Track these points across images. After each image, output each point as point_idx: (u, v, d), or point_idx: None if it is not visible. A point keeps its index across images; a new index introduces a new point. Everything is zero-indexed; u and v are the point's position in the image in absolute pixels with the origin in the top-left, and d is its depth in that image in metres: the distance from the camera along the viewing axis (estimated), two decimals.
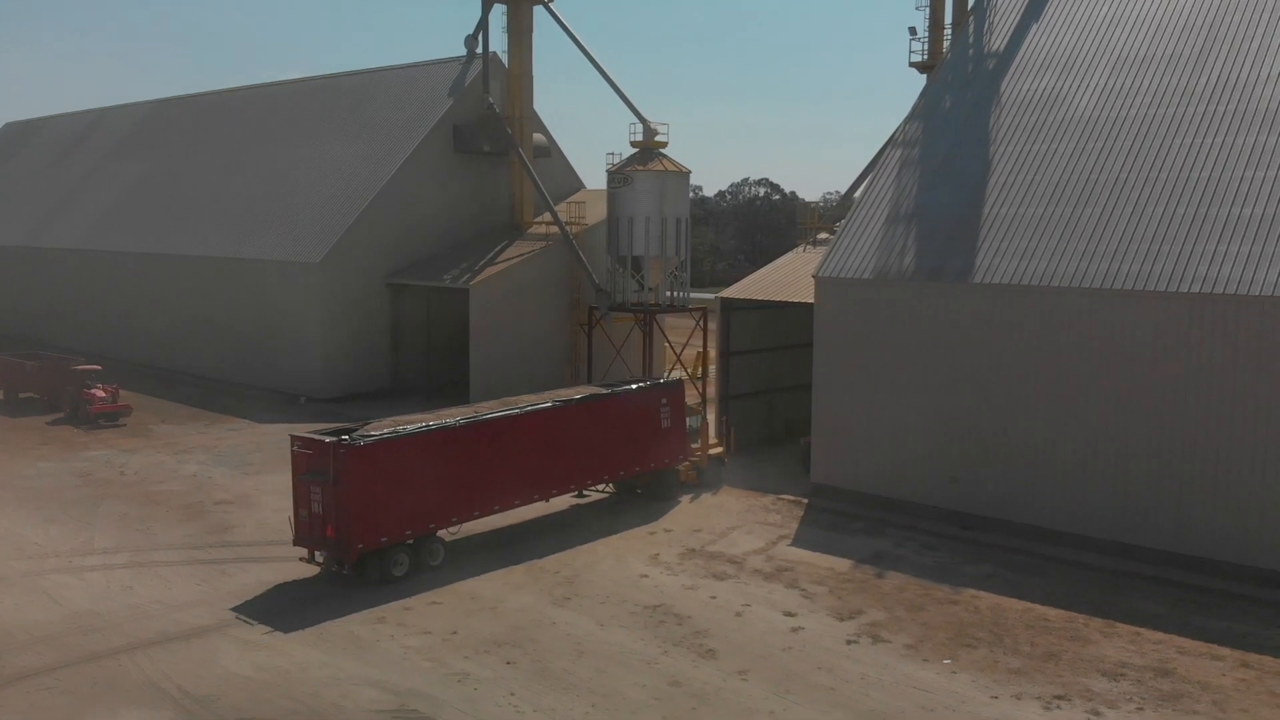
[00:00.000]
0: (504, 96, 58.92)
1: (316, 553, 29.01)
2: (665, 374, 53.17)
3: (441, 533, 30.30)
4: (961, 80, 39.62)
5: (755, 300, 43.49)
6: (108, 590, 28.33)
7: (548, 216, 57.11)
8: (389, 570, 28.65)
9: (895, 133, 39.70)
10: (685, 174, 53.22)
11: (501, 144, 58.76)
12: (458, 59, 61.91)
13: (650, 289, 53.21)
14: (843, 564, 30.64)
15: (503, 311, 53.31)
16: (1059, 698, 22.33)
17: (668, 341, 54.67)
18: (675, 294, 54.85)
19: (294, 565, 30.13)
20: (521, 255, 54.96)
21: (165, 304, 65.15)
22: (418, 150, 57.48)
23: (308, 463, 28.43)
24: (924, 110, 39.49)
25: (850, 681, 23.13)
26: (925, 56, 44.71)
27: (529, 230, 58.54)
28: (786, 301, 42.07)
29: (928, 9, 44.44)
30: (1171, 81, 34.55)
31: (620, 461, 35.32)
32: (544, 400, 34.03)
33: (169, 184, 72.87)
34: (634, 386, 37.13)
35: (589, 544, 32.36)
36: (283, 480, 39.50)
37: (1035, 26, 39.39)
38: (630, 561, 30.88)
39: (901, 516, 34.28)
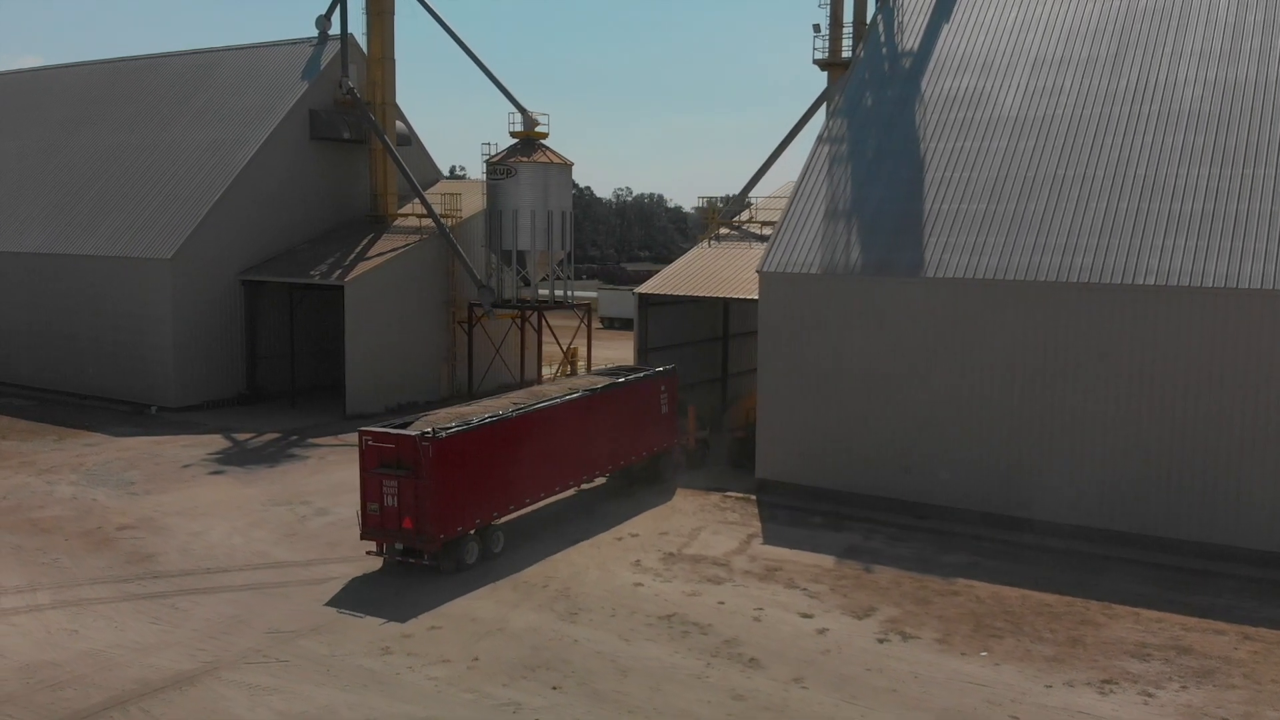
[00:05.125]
0: (363, 81, 55.79)
1: (386, 545, 29.40)
2: (555, 371, 52.04)
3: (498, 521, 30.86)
4: (880, 78, 40.29)
5: (673, 295, 42.94)
6: (50, 636, 24.72)
7: (413, 208, 54.52)
8: (463, 559, 29.26)
9: (821, 129, 39.95)
10: (568, 166, 52.03)
11: (363, 131, 55.66)
12: (307, 41, 58.12)
13: (534, 284, 51.86)
14: (826, 560, 30.53)
15: (379, 309, 50.48)
16: (1106, 682, 22.89)
17: (555, 339, 53.37)
18: (561, 291, 53.72)
19: (249, 595, 27.40)
20: (395, 249, 52.14)
21: None
22: (273, 136, 53.46)
23: (381, 456, 28.40)
24: (845, 107, 39.91)
25: (906, 681, 22.94)
26: (826, 54, 45.31)
27: (394, 223, 55.68)
28: (705, 296, 41.77)
29: (829, 7, 45.07)
30: (1092, 83, 36.25)
31: (637, 445, 36.35)
32: (574, 389, 34.30)
33: None
34: (642, 374, 37.60)
35: (561, 553, 30.91)
36: (182, 501, 36.18)
37: (946, 27, 40.52)
38: (615, 570, 29.68)
39: (855, 509, 34.51)
